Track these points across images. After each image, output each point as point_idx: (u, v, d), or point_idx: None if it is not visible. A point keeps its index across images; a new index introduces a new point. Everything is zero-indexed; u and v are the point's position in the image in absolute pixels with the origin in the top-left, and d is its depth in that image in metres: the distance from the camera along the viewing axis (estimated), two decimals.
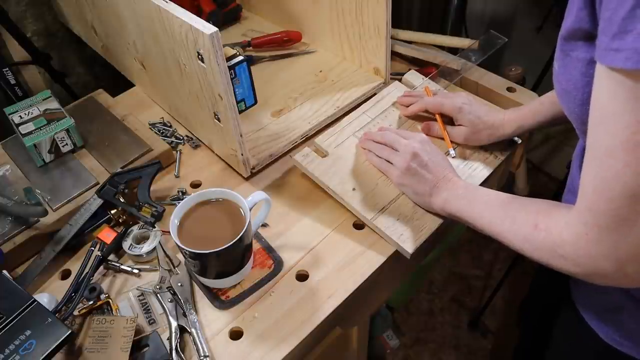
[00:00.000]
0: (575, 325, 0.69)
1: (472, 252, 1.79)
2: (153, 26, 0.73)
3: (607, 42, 0.39)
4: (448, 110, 0.79)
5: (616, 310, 0.62)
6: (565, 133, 1.87)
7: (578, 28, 0.45)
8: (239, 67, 0.85)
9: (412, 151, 0.71)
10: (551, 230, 0.50)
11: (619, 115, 0.40)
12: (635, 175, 0.40)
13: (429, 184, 0.69)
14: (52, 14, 1.16)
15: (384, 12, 0.82)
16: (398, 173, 0.72)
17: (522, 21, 1.74)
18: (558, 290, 0.75)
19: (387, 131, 0.78)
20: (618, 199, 0.42)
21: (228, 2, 1.14)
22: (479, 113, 0.77)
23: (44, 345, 0.55)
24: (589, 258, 0.46)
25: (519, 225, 0.54)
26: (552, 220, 0.51)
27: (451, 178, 0.69)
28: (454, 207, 0.66)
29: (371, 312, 0.87)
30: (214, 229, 0.64)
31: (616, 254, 0.44)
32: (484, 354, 1.55)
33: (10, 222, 0.73)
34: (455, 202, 0.66)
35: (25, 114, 0.85)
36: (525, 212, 0.55)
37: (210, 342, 0.63)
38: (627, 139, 0.39)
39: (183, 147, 0.90)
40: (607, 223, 0.43)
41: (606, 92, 0.41)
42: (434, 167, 0.70)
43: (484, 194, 0.64)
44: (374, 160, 0.77)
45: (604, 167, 0.42)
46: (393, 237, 0.70)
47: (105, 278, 0.71)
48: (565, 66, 0.49)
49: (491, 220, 0.59)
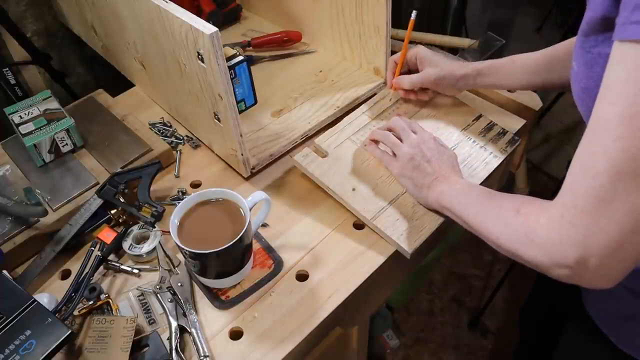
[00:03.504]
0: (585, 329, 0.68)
1: (472, 252, 1.79)
2: (153, 26, 0.73)
3: (626, 15, 0.39)
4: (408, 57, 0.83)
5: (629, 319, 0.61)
6: (566, 133, 1.87)
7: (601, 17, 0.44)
8: (239, 67, 0.85)
9: (418, 144, 0.71)
10: (529, 215, 0.49)
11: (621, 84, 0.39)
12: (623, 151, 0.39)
13: (429, 178, 0.69)
14: (52, 14, 1.16)
15: (384, 12, 0.82)
16: (400, 164, 0.72)
17: (522, 21, 1.74)
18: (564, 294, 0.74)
19: (398, 118, 0.77)
20: (601, 175, 0.41)
21: (228, 2, 1.14)
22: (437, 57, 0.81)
23: (44, 345, 0.55)
24: (558, 243, 0.45)
25: (503, 210, 0.54)
26: (533, 205, 0.50)
27: (451, 175, 0.69)
28: (447, 201, 0.66)
29: (371, 312, 0.87)
30: (214, 229, 0.64)
31: (584, 241, 0.43)
32: (484, 354, 1.55)
33: (10, 222, 0.73)
34: (450, 195, 0.66)
35: (25, 114, 0.85)
36: (513, 200, 0.54)
37: (210, 342, 0.63)
38: (624, 110, 0.39)
39: (183, 147, 0.90)
40: (585, 204, 0.42)
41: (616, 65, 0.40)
42: (437, 163, 0.70)
43: (479, 189, 0.63)
44: (375, 152, 0.77)
45: (595, 141, 0.42)
46: (393, 237, 0.70)
47: (105, 278, 0.71)
48: (586, 63, 0.48)
49: (478, 210, 0.59)
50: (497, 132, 0.83)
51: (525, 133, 0.88)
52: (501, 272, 1.61)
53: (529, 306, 1.08)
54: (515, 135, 0.82)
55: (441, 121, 0.85)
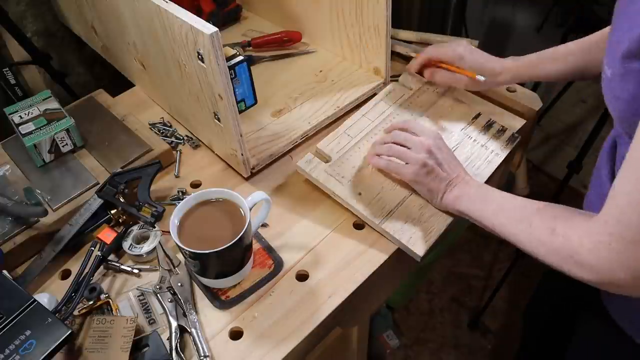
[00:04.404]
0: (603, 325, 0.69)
1: (472, 252, 1.79)
2: (153, 26, 0.73)
3: None
4: (449, 58, 0.81)
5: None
6: (566, 133, 1.87)
7: None
8: (239, 67, 0.85)
9: (428, 148, 0.70)
10: (569, 236, 0.50)
11: None
12: None
13: (444, 182, 0.69)
14: (52, 14, 1.16)
15: (384, 12, 0.82)
16: (413, 170, 0.70)
17: (522, 21, 1.74)
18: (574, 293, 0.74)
19: (396, 131, 0.75)
20: None
21: (228, 2, 1.14)
22: (480, 60, 0.79)
23: (44, 345, 0.55)
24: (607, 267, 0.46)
25: (535, 228, 0.55)
26: (571, 226, 0.51)
27: (464, 177, 0.69)
28: (464, 206, 0.66)
29: (371, 312, 0.87)
30: (214, 229, 0.64)
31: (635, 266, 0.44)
32: (484, 354, 1.55)
33: (10, 222, 0.73)
34: (467, 200, 0.66)
35: (25, 114, 0.85)
36: (542, 216, 0.55)
37: (210, 342, 0.63)
38: None
39: (183, 147, 0.90)
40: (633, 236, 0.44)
41: None
42: (448, 165, 0.70)
43: (498, 195, 0.64)
44: (380, 163, 0.75)
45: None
46: (402, 241, 0.70)
47: (105, 278, 0.71)
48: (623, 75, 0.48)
49: (505, 222, 0.60)
50: (496, 130, 0.83)
51: (525, 133, 0.88)
52: (501, 272, 1.61)
53: (534, 306, 1.08)
54: (515, 133, 0.82)
55: (441, 122, 0.85)
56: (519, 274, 1.62)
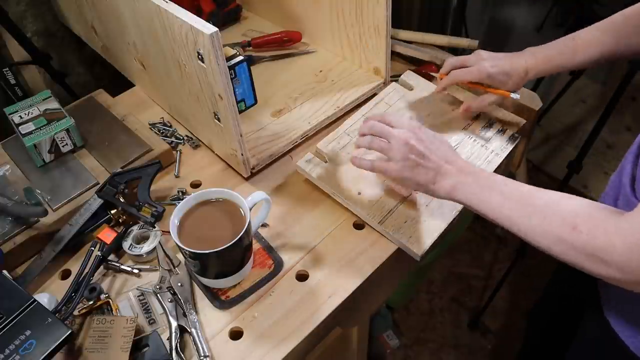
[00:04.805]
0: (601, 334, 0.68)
1: (472, 252, 1.79)
2: (153, 26, 0.73)
3: None
4: (477, 79, 0.79)
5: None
6: (566, 133, 1.87)
7: None
8: (239, 67, 0.85)
9: (406, 141, 0.65)
10: (595, 235, 0.49)
11: None
12: None
13: (431, 173, 0.64)
14: (52, 14, 1.16)
15: (384, 12, 0.82)
16: (396, 168, 0.67)
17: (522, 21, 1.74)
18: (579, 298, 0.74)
19: (373, 121, 0.70)
20: None
21: (228, 2, 1.14)
22: (505, 69, 0.77)
23: (44, 345, 0.55)
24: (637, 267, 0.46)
25: (551, 223, 0.52)
26: (596, 224, 0.49)
27: (454, 160, 0.64)
28: (462, 196, 0.62)
29: (371, 312, 0.87)
30: (214, 229, 0.64)
31: None
32: (484, 354, 1.55)
33: (10, 222, 0.73)
34: (464, 189, 0.62)
35: (25, 114, 0.85)
36: (558, 209, 0.52)
37: (210, 342, 0.63)
38: None
39: (183, 147, 0.90)
40: None
41: None
42: (433, 154, 0.65)
43: (501, 183, 0.59)
44: (363, 165, 0.72)
45: None
46: (402, 240, 0.70)
47: (105, 278, 0.71)
48: None
49: (513, 214, 0.56)
50: (497, 130, 0.83)
51: (526, 133, 0.88)
52: (501, 272, 1.61)
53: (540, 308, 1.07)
54: (515, 133, 0.82)
55: (441, 122, 0.85)
56: (519, 274, 1.62)
